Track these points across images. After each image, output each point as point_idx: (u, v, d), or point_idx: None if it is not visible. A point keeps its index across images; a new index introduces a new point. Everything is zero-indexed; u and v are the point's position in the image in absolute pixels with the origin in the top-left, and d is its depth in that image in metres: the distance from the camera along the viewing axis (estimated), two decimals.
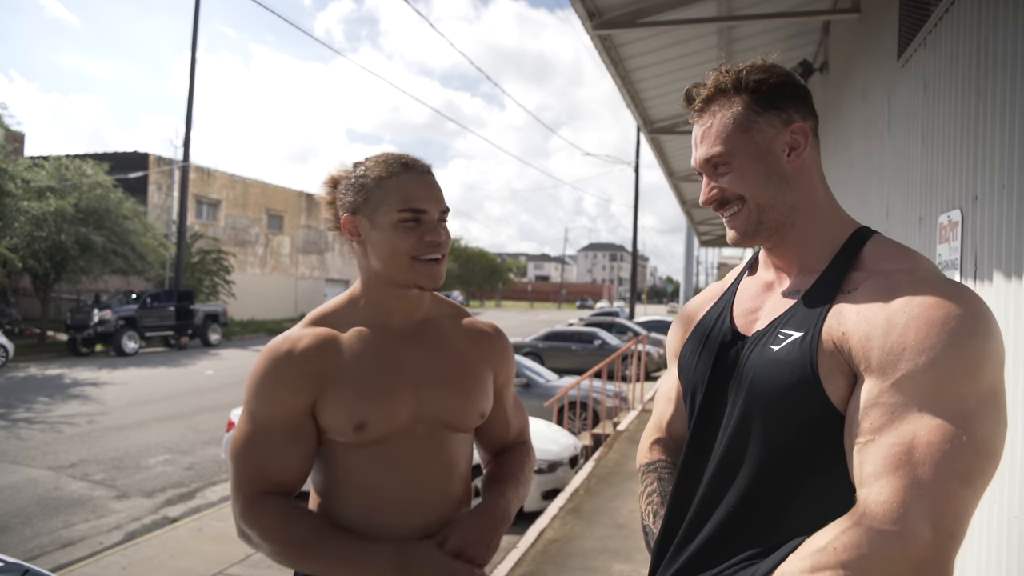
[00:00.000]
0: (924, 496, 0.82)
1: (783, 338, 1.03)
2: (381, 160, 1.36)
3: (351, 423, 1.30)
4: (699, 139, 1.13)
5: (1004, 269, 2.13)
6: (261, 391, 1.33)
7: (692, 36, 6.21)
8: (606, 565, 4.59)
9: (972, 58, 2.49)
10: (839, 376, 0.96)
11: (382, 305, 1.40)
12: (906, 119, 3.42)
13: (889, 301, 0.95)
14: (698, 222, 19.99)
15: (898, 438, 0.86)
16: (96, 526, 6.37)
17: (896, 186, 3.60)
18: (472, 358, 1.46)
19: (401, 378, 1.36)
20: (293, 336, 1.36)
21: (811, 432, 0.98)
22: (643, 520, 1.23)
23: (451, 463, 1.41)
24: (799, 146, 1.09)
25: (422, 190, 1.34)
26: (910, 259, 1.02)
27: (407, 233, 1.32)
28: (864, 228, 1.11)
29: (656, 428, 1.34)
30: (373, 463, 1.34)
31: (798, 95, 1.10)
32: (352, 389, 1.32)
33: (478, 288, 68.58)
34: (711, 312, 1.23)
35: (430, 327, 1.45)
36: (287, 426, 1.32)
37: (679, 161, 11.37)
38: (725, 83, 1.09)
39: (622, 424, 9.53)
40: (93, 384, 14.20)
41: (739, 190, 1.09)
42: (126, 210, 21.25)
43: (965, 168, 2.52)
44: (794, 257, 1.12)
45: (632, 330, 21.40)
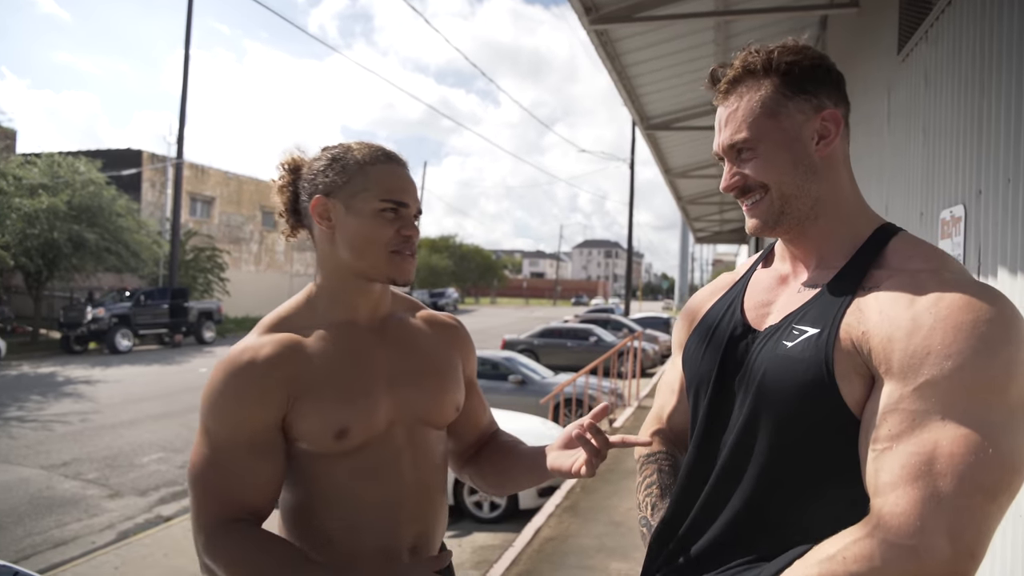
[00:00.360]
0: (944, 510, 0.78)
1: (798, 334, 0.98)
2: (364, 146, 1.30)
3: (331, 431, 1.21)
4: (723, 122, 1.07)
5: (1009, 265, 2.10)
6: (221, 408, 1.20)
7: (689, 31, 6.18)
8: (603, 563, 4.57)
9: (975, 51, 2.46)
10: (856, 377, 0.92)
11: (346, 301, 1.31)
12: (906, 114, 3.39)
13: (914, 302, 0.90)
14: (693, 219, 19.98)
15: (918, 447, 0.82)
16: (89, 525, 6.32)
17: (896, 182, 3.57)
18: (440, 351, 1.40)
19: (376, 378, 1.28)
20: (252, 345, 1.24)
21: (822, 434, 0.94)
22: (640, 511, 1.19)
23: (433, 467, 1.35)
24: (829, 134, 1.03)
25: (404, 183, 1.29)
26: (938, 259, 0.97)
27: (386, 224, 1.26)
28: (889, 224, 1.06)
29: (656, 419, 1.31)
30: (353, 473, 1.25)
31: (831, 80, 1.05)
32: (328, 395, 1.23)
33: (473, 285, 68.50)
34: (720, 304, 1.18)
35: (394, 322, 1.38)
36: (254, 444, 1.20)
37: (675, 157, 11.35)
38: (754, 64, 1.04)
39: (618, 421, 9.51)
40: (86, 382, 14.11)
41: (763, 178, 1.03)
42: (119, 207, 21.13)
43: (968, 163, 2.49)
44: (813, 250, 1.07)
45: (627, 327, 21.40)
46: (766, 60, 1.03)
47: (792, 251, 1.10)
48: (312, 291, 1.34)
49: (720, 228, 22.06)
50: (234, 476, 1.20)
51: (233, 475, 1.20)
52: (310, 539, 1.27)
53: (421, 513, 1.31)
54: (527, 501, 6.73)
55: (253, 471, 1.21)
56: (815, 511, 0.94)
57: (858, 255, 1.01)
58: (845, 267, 1.01)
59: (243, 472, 1.20)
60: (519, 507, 6.76)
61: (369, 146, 1.30)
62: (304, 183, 1.31)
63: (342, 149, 1.30)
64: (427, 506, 1.32)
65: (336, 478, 1.25)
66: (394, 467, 1.28)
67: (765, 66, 1.03)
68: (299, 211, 1.33)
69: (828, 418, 0.93)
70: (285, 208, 1.35)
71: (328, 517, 1.26)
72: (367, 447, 1.25)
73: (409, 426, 1.31)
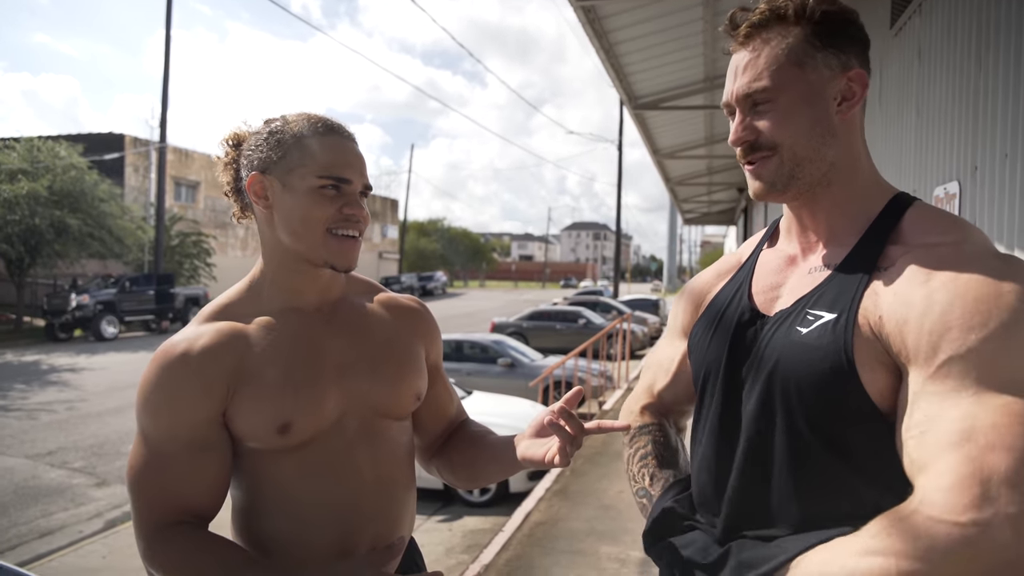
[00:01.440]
0: (998, 487, 0.70)
1: (813, 319, 0.91)
2: (303, 117, 1.19)
3: (273, 425, 1.12)
4: (741, 68, 0.97)
5: (1006, 241, 2.06)
6: (157, 405, 1.11)
7: (677, 8, 6.09)
8: (593, 547, 4.55)
9: (971, 26, 2.41)
10: (878, 366, 0.85)
11: (290, 286, 1.21)
12: (898, 89, 3.34)
13: (930, 278, 0.83)
14: (681, 200, 19.96)
15: (956, 423, 0.75)
16: (75, 514, 6.26)
17: (887, 158, 3.53)
18: (400, 336, 1.29)
19: (323, 368, 1.18)
20: (189, 335, 1.14)
21: (844, 426, 0.87)
22: (637, 483, 1.13)
23: (392, 457, 1.24)
24: (853, 96, 0.95)
25: (347, 157, 1.16)
26: (959, 230, 0.90)
27: (326, 201, 1.14)
28: (903, 194, 0.99)
29: (647, 394, 1.25)
30: (302, 470, 1.15)
31: (861, 39, 0.97)
32: (269, 387, 1.13)
33: (462, 268, 68.39)
34: (727, 288, 1.11)
35: (346, 307, 1.27)
36: (194, 441, 1.11)
37: (663, 137, 11.28)
38: (785, 8, 0.94)
39: (608, 403, 9.52)
40: (71, 370, 13.97)
41: (776, 136, 0.95)
42: (102, 192, 20.86)
43: (964, 139, 2.44)
44: (823, 222, 0.99)
45: (616, 309, 21.41)
46: (799, 5, 0.94)
47: (800, 225, 1.03)
48: (255, 276, 1.24)
49: (708, 209, 22.05)
50: (174, 478, 1.11)
51: (172, 477, 1.11)
52: (260, 542, 1.18)
53: (382, 511, 1.21)
54: (517, 484, 6.72)
55: (194, 471, 1.12)
56: (845, 508, 0.87)
57: (872, 229, 0.94)
58: (859, 243, 0.94)
59: (183, 473, 1.11)
60: (509, 490, 6.75)
61: (308, 117, 1.19)
62: (243, 161, 1.20)
63: (281, 122, 1.19)
64: (388, 503, 1.23)
65: (284, 476, 1.16)
66: (348, 463, 1.18)
67: (798, 12, 0.94)
68: (241, 190, 1.23)
69: (850, 409, 0.86)
70: (230, 187, 1.25)
71: (278, 518, 1.17)
72: (315, 442, 1.15)
73: (364, 418, 1.21)
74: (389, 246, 50.44)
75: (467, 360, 11.01)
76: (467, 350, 11.24)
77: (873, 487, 0.86)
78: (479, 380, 10.32)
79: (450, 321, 24.66)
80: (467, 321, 24.61)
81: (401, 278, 40.06)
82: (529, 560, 4.35)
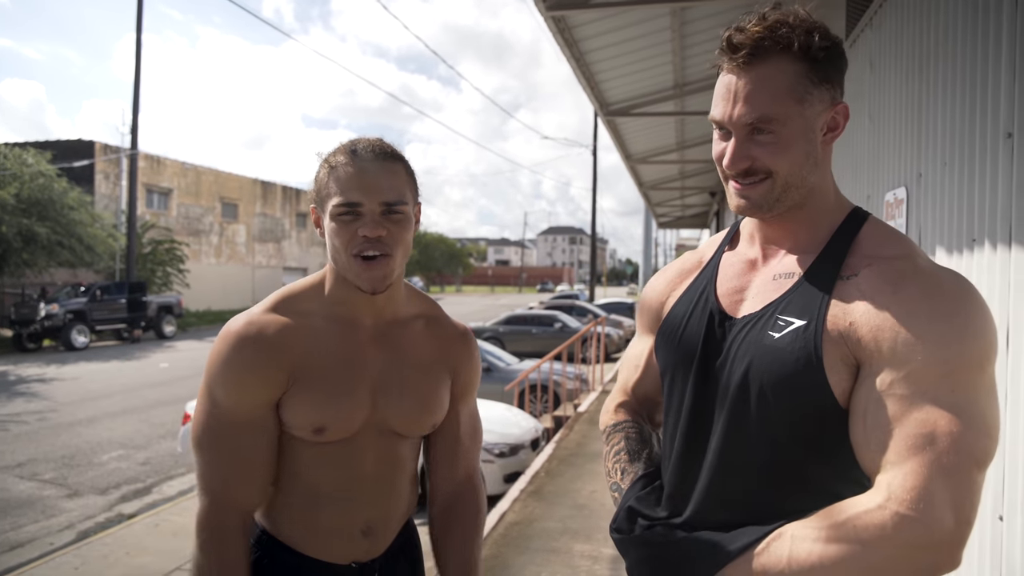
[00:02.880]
0: (948, 484, 0.83)
1: (784, 325, 0.99)
2: (336, 149, 1.27)
3: (311, 426, 1.26)
4: (742, 94, 0.98)
5: (946, 244, 2.18)
6: (229, 377, 1.23)
7: (645, 17, 6.21)
8: (567, 545, 4.63)
9: (915, 38, 2.53)
10: (842, 367, 0.95)
11: (348, 301, 1.32)
12: (854, 99, 3.47)
13: (897, 291, 0.93)
14: (655, 204, 20.17)
15: (919, 427, 0.87)
16: (46, 526, 6.18)
17: (845, 165, 3.66)
18: (434, 363, 1.39)
19: (362, 382, 1.30)
20: (259, 321, 1.26)
21: (811, 423, 0.96)
22: (611, 478, 1.20)
23: (396, 464, 1.38)
24: (837, 127, 1.02)
25: (361, 179, 1.21)
26: (908, 246, 1.01)
27: (343, 227, 1.22)
28: (858, 209, 1.07)
29: (622, 392, 1.32)
30: (320, 460, 1.30)
31: (845, 69, 1.02)
32: (317, 392, 1.26)
33: (438, 274, 68.25)
34: (692, 288, 1.17)
35: (400, 329, 1.37)
36: (255, 419, 1.25)
37: (635, 143, 11.42)
38: (788, 40, 0.96)
39: (583, 406, 9.61)
40: (40, 380, 13.73)
41: (774, 165, 0.99)
42: (72, 200, 20.51)
43: (910, 147, 2.57)
44: (789, 234, 1.07)
45: (592, 312, 21.54)
46: (805, 41, 0.96)
47: (765, 234, 1.09)
48: (323, 277, 1.35)
49: (682, 213, 22.30)
50: (239, 448, 1.25)
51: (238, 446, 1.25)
52: (276, 504, 1.34)
53: (376, 501, 1.36)
54: (493, 487, 6.78)
55: (256, 446, 1.26)
56: (807, 495, 0.95)
57: (833, 241, 1.02)
58: (822, 254, 1.02)
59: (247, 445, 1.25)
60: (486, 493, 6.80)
61: (340, 147, 1.26)
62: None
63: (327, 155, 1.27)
64: (383, 497, 1.37)
65: (303, 459, 1.31)
66: (356, 461, 1.32)
67: (803, 48, 0.96)
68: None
69: (815, 407, 0.95)
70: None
71: (292, 490, 1.32)
72: (336, 441, 1.30)
73: (381, 431, 1.34)
74: None
75: None
76: None
77: (840, 481, 0.95)
78: None
79: None
80: None
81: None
82: (504, 559, 4.41)
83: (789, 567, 0.89)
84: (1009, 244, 1.75)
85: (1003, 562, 1.74)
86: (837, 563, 0.86)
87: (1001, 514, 1.76)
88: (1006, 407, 1.77)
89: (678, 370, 1.12)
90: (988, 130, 1.90)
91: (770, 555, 0.91)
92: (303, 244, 38.83)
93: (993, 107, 1.87)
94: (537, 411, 9.93)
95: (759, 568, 0.92)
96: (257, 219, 35.05)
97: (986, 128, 1.91)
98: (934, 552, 0.83)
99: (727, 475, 1.03)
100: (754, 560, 0.92)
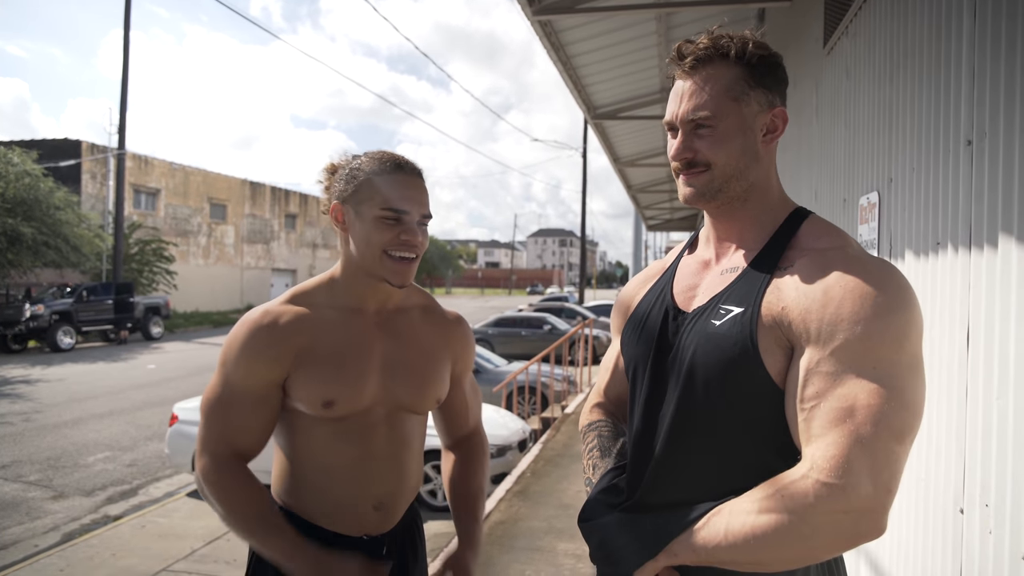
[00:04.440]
0: (865, 453, 0.89)
1: (724, 313, 1.08)
2: (376, 157, 1.45)
3: (321, 400, 1.41)
4: (686, 94, 1.12)
5: (914, 248, 2.24)
6: (240, 359, 1.41)
7: (632, 22, 6.28)
8: (551, 544, 4.68)
9: (887, 46, 2.60)
10: (777, 350, 1.02)
11: (357, 291, 1.50)
12: (831, 105, 3.54)
13: (825, 276, 1.01)
14: (644, 207, 20.26)
15: (840, 402, 0.93)
16: (31, 528, 6.16)
17: (824, 169, 3.73)
18: (435, 347, 1.57)
19: (370, 364, 1.47)
20: (274, 311, 1.45)
21: (750, 404, 1.04)
22: (585, 473, 1.30)
23: (405, 442, 1.53)
24: (776, 130, 1.12)
25: (407, 192, 1.42)
26: (841, 238, 1.08)
27: (385, 229, 1.40)
28: (801, 208, 1.16)
29: (596, 394, 1.42)
30: (332, 437, 1.45)
31: (784, 81, 1.14)
32: (325, 369, 1.43)
33: (428, 275, 68.18)
34: (652, 291, 1.27)
35: (401, 317, 1.56)
36: (258, 395, 1.42)
37: (624, 146, 11.50)
38: (727, 48, 1.10)
39: (570, 407, 9.66)
40: (25, 382, 13.64)
41: (712, 156, 1.10)
42: (58, 200, 20.38)
43: (882, 152, 2.64)
44: (735, 232, 1.17)
45: (581, 314, 21.61)
46: (740, 48, 1.09)
47: (716, 233, 1.19)
48: (333, 275, 1.52)
49: (671, 216, 22.41)
50: (237, 415, 1.43)
51: (237, 414, 1.43)
52: (292, 479, 1.50)
53: (386, 478, 1.51)
54: None
55: (251, 418, 1.44)
56: (749, 473, 1.02)
57: (775, 238, 1.11)
58: (763, 249, 1.11)
59: (245, 416, 1.43)
60: None
61: (381, 157, 1.45)
62: (331, 188, 1.48)
63: (359, 161, 1.46)
64: (393, 474, 1.52)
65: (318, 436, 1.47)
66: (368, 438, 1.48)
67: (738, 53, 1.09)
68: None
69: (754, 389, 1.03)
70: (326, 207, 1.51)
71: (308, 466, 1.49)
72: (349, 418, 1.45)
73: (390, 409, 1.50)
74: None
75: None
76: None
77: (781, 459, 1.01)
78: None
79: None
80: None
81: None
82: (488, 557, 4.45)
83: (726, 539, 0.96)
84: (969, 247, 1.82)
85: (963, 553, 1.80)
86: (768, 532, 0.92)
87: (961, 507, 1.82)
88: (965, 403, 1.83)
89: (639, 364, 1.20)
90: (951, 137, 1.96)
91: (709, 530, 0.98)
92: (292, 245, 38.70)
93: (955, 115, 1.93)
94: (525, 413, 9.97)
95: (700, 542, 0.99)
96: (246, 220, 34.92)
97: (949, 135, 1.97)
98: (856, 517, 0.89)
99: (676, 457, 1.10)
100: (695, 535, 0.99)
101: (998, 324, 1.66)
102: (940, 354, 1.97)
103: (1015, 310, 1.59)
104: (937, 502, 2.00)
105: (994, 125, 1.71)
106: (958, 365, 1.87)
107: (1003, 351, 1.64)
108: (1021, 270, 1.57)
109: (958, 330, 1.87)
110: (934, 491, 2.03)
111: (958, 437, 1.86)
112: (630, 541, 1.08)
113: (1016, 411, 1.58)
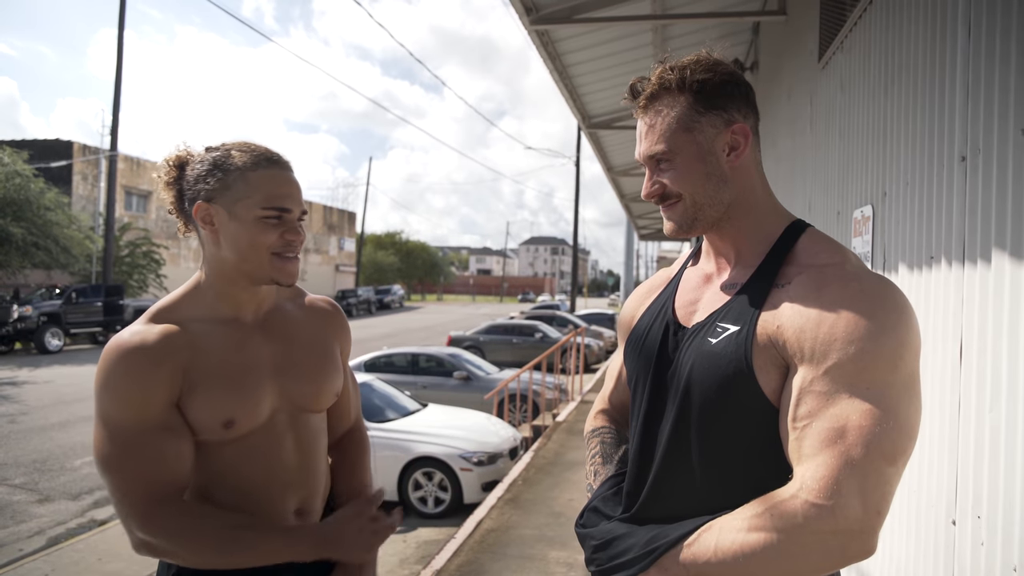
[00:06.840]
0: (855, 474, 0.89)
1: (721, 331, 1.08)
2: (246, 149, 1.33)
3: (219, 421, 1.29)
4: (643, 134, 1.15)
5: (908, 261, 2.26)
6: (124, 391, 1.24)
7: (628, 33, 6.32)
8: (542, 552, 4.67)
9: (882, 61, 2.63)
10: (772, 369, 1.02)
11: (232, 298, 1.37)
12: (826, 118, 3.58)
13: (820, 294, 1.00)
14: (637, 216, 20.35)
15: (832, 422, 0.93)
16: (15, 532, 6.10)
17: (817, 182, 3.76)
18: (321, 339, 1.49)
19: (261, 372, 1.36)
20: (139, 331, 1.28)
21: (744, 422, 1.04)
22: (587, 479, 1.31)
23: (312, 442, 1.45)
24: (739, 146, 1.12)
25: (288, 188, 1.33)
26: (840, 254, 1.07)
27: (269, 229, 1.31)
28: (798, 221, 1.16)
29: (601, 400, 1.43)
30: (240, 457, 1.34)
31: (740, 93, 1.13)
32: (216, 388, 1.30)
33: (419, 282, 68.09)
34: (656, 303, 1.27)
35: (278, 315, 1.45)
36: (160, 423, 1.26)
37: (617, 155, 11.56)
38: (669, 81, 1.11)
39: (561, 415, 9.65)
40: (12, 384, 13.52)
41: (679, 188, 1.12)
42: (48, 201, 20.28)
43: (876, 166, 2.66)
44: (732, 247, 1.17)
45: (572, 323, 21.64)
46: (679, 78, 1.10)
47: (715, 247, 1.20)
48: (198, 283, 1.39)
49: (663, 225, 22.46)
50: (147, 457, 1.25)
51: (149, 455, 1.25)
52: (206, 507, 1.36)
53: (302, 484, 1.43)
54: (472, 495, 6.80)
55: (163, 450, 1.26)
56: (747, 490, 1.02)
57: (771, 253, 1.11)
58: (760, 265, 1.11)
59: (158, 450, 1.26)
60: (463, 501, 6.83)
61: (251, 151, 1.33)
62: (187, 185, 1.34)
63: (223, 154, 1.32)
64: (307, 478, 1.44)
65: (224, 460, 1.34)
66: (278, 448, 1.38)
67: (679, 84, 1.10)
68: (185, 210, 1.37)
69: (748, 407, 1.03)
70: (174, 205, 1.39)
71: (221, 491, 1.36)
72: (252, 435, 1.34)
73: (291, 413, 1.41)
74: (346, 259, 49.97)
75: (423, 373, 11.05)
76: (423, 363, 11.27)
77: (775, 477, 1.01)
78: (435, 393, 10.36)
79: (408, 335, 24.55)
80: (424, 334, 24.55)
81: (358, 291, 39.63)
82: (480, 565, 4.44)
83: (715, 556, 0.96)
84: (963, 262, 1.84)
85: (955, 565, 1.81)
86: (757, 550, 0.92)
87: (954, 519, 1.84)
88: (958, 416, 1.85)
89: (640, 377, 1.20)
90: (945, 152, 1.98)
91: (699, 545, 0.98)
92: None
93: (949, 130, 1.96)
94: (516, 420, 9.96)
95: (689, 558, 0.99)
96: None
97: (943, 150, 2.00)
98: (844, 538, 0.89)
99: (672, 472, 1.10)
100: (685, 551, 0.99)
101: (991, 338, 1.68)
102: (933, 367, 1.99)
103: (1007, 324, 1.61)
104: (929, 514, 2.02)
105: (988, 141, 1.73)
106: (951, 378, 1.89)
107: (995, 364, 1.66)
108: (1014, 285, 1.59)
109: (951, 343, 1.89)
110: (926, 503, 2.05)
111: (950, 449, 1.88)
112: (624, 551, 1.08)
113: (1008, 424, 1.60)
